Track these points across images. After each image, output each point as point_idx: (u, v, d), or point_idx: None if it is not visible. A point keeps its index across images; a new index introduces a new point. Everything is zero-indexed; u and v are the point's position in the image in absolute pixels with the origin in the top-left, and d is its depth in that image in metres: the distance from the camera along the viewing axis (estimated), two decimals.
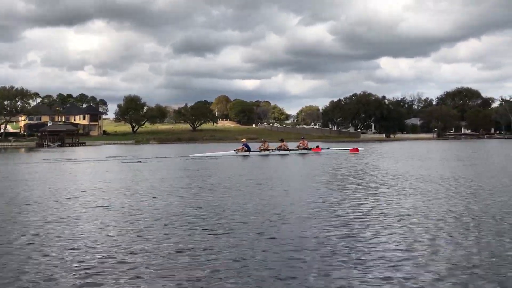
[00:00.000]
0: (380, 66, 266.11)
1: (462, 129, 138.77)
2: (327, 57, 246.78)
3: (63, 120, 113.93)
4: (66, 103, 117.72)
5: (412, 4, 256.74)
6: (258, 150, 31.34)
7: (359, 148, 36.46)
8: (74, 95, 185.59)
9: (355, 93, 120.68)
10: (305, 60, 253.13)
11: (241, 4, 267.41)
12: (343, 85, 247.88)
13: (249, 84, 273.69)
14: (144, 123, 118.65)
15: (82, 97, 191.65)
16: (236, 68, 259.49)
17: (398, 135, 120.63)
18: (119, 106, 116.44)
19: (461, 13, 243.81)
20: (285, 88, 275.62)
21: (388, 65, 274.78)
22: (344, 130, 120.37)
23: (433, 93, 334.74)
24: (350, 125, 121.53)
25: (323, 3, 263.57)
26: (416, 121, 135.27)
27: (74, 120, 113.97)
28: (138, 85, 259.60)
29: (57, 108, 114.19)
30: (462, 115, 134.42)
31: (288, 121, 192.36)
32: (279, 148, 32.03)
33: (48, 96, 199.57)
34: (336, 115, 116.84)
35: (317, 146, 34.36)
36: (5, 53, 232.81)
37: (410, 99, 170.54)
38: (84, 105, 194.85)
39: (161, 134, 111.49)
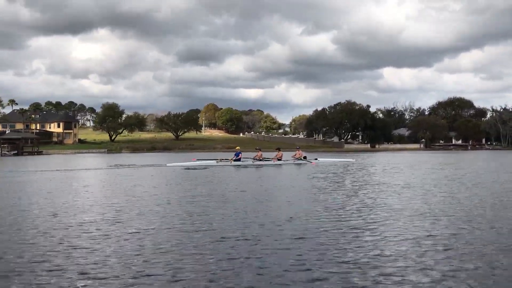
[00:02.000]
0: (383, 76, 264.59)
1: (453, 140, 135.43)
2: (330, 67, 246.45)
3: (37, 128, 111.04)
4: (41, 110, 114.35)
5: (414, 14, 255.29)
6: (255, 159, 30.41)
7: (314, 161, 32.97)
8: (78, 103, 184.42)
9: (340, 102, 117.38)
10: (307, 69, 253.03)
11: (243, 13, 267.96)
12: (345, 95, 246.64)
13: (252, 93, 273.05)
14: (122, 131, 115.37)
15: (71, 105, 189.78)
16: (239, 77, 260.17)
17: (384, 146, 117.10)
18: (96, 114, 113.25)
19: (464, 23, 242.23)
20: (288, 97, 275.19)
21: (391, 75, 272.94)
22: (328, 140, 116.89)
23: (433, 104, 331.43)
24: (334, 134, 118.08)
25: (325, 13, 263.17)
26: (404, 131, 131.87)
27: (50, 128, 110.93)
28: (142, 93, 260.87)
29: (32, 116, 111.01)
30: (453, 125, 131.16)
31: (280, 130, 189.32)
32: (255, 158, 30.70)
33: (36, 104, 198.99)
34: (319, 124, 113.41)
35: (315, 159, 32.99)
36: (10, 61, 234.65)
37: (402, 109, 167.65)
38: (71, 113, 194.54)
39: (141, 143, 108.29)
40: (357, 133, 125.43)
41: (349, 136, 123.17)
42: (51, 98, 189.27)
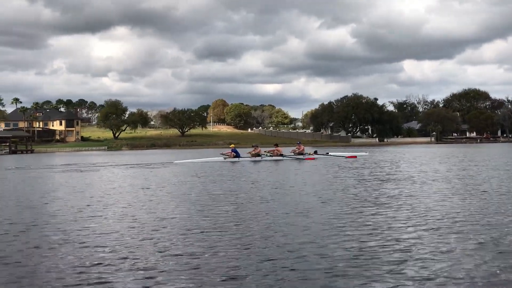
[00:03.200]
0: (403, 69, 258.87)
1: (467, 133, 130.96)
2: (349, 60, 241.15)
3: (41, 126, 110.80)
4: (42, 109, 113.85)
5: (435, 5, 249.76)
6: (249, 154, 30.17)
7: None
8: (98, 102, 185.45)
9: (346, 95, 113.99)
10: (326, 63, 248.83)
11: (261, 8, 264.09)
12: (365, 89, 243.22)
13: (270, 89, 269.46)
14: (125, 129, 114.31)
15: (82, 103, 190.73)
16: (257, 73, 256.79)
17: (393, 140, 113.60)
18: (100, 111, 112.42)
19: (487, 13, 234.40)
20: (307, 92, 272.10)
21: (411, 67, 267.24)
22: (335, 134, 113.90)
23: (447, 96, 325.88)
24: (341, 129, 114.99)
25: (344, 6, 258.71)
26: (415, 124, 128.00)
27: (52, 126, 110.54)
28: (161, 90, 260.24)
29: (36, 115, 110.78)
30: (465, 118, 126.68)
31: (292, 125, 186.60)
32: (271, 153, 30.45)
33: (48, 102, 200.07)
34: (325, 118, 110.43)
35: (314, 152, 32.25)
36: (32, 61, 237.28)
37: (416, 101, 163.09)
38: (84, 111, 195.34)
39: (144, 140, 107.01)
40: (366, 127, 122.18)
41: (357, 130, 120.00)
42: (72, 97, 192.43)
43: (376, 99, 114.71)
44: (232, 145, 32.92)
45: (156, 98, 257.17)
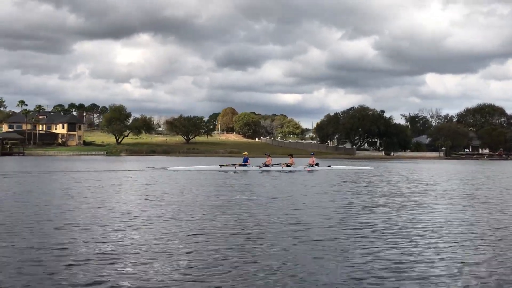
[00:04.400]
0: (425, 82, 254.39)
1: (480, 149, 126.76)
2: (370, 72, 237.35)
3: (44, 129, 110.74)
4: (45, 112, 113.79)
5: (460, 19, 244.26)
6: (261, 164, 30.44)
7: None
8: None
9: (353, 107, 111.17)
10: (347, 74, 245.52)
11: (282, 18, 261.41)
12: (386, 101, 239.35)
13: (290, 99, 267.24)
14: (128, 134, 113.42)
15: (94, 107, 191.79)
16: (277, 82, 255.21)
17: (400, 154, 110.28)
18: (104, 116, 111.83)
19: None
20: (327, 103, 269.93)
21: (433, 81, 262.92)
22: (340, 146, 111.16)
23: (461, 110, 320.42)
24: (347, 141, 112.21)
25: (366, 18, 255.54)
26: (424, 139, 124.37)
27: (56, 129, 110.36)
28: (181, 98, 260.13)
29: (39, 117, 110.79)
30: (477, 133, 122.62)
31: (300, 136, 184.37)
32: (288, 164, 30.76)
33: (60, 105, 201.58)
34: (330, 129, 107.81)
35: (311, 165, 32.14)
36: (56, 65, 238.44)
37: (429, 115, 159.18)
38: (95, 116, 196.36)
39: (145, 146, 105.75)
40: (374, 140, 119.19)
41: (364, 143, 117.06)
42: (95, 102, 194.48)
43: (383, 111, 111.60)
44: (246, 153, 32.90)
45: (176, 105, 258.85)
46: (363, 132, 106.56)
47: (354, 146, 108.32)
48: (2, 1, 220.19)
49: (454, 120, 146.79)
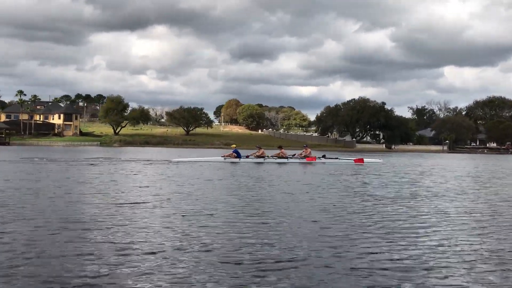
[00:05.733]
0: (443, 75, 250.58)
1: (487, 143, 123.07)
2: (387, 65, 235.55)
3: (41, 119, 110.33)
4: (41, 102, 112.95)
5: (480, 11, 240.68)
6: (253, 156, 29.89)
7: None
8: (135, 100, 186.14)
9: (353, 99, 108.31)
10: (363, 67, 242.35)
11: (298, 10, 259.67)
12: (403, 94, 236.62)
13: (305, 91, 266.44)
14: (125, 125, 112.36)
15: (100, 98, 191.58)
16: (292, 75, 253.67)
17: (401, 147, 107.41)
18: (101, 107, 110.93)
19: None
20: (343, 95, 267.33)
21: (452, 74, 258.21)
22: (340, 139, 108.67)
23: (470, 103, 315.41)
24: (348, 133, 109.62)
25: (383, 9, 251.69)
26: (428, 132, 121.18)
27: (53, 119, 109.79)
28: (196, 90, 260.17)
29: (37, 107, 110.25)
30: (483, 127, 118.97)
31: (303, 128, 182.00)
32: (277, 156, 30.17)
33: (67, 96, 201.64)
34: (328, 122, 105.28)
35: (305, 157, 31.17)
36: (72, 57, 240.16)
37: (437, 108, 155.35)
38: (98, 107, 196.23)
39: (143, 137, 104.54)
40: (377, 133, 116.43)
41: (364, 135, 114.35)
42: (111, 93, 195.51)
43: (384, 103, 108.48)
44: (234, 146, 32.45)
45: (191, 97, 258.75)
46: (362, 124, 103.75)
47: (354, 139, 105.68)
48: None
49: (463, 113, 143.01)
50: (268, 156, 29.84)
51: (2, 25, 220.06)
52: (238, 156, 29.25)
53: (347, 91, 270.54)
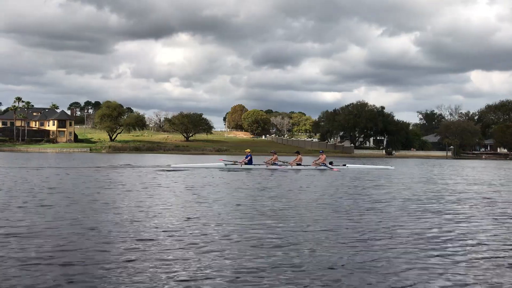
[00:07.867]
0: (470, 79, 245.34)
1: (498, 149, 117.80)
2: (412, 70, 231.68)
3: (37, 126, 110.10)
4: (34, 109, 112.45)
5: (508, 13, 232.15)
6: (265, 164, 27.95)
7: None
8: (160, 107, 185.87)
9: (352, 103, 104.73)
10: (387, 72, 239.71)
11: (321, 16, 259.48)
12: (428, 99, 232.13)
13: (329, 97, 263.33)
14: (121, 131, 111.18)
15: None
16: (315, 80, 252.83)
17: (403, 153, 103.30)
18: (96, 113, 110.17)
19: None
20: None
21: (479, 78, 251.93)
22: (338, 144, 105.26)
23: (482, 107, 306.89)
24: (348, 138, 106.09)
25: (407, 14, 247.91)
26: (432, 137, 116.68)
27: (48, 126, 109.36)
28: (219, 97, 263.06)
29: (34, 114, 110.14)
30: (490, 131, 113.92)
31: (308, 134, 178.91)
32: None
33: (76, 103, 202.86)
34: (324, 127, 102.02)
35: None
36: (98, 65, 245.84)
37: (448, 112, 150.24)
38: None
39: (138, 143, 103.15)
40: (379, 138, 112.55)
41: (364, 141, 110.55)
42: (136, 100, 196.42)
43: (382, 107, 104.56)
44: (248, 150, 30.22)
45: (214, 103, 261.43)
46: (360, 130, 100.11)
47: (352, 144, 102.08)
48: (47, 3, 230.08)
49: (475, 117, 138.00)
50: (283, 162, 28.31)
51: (30, 35, 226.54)
52: (249, 162, 27.93)
53: (371, 96, 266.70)
